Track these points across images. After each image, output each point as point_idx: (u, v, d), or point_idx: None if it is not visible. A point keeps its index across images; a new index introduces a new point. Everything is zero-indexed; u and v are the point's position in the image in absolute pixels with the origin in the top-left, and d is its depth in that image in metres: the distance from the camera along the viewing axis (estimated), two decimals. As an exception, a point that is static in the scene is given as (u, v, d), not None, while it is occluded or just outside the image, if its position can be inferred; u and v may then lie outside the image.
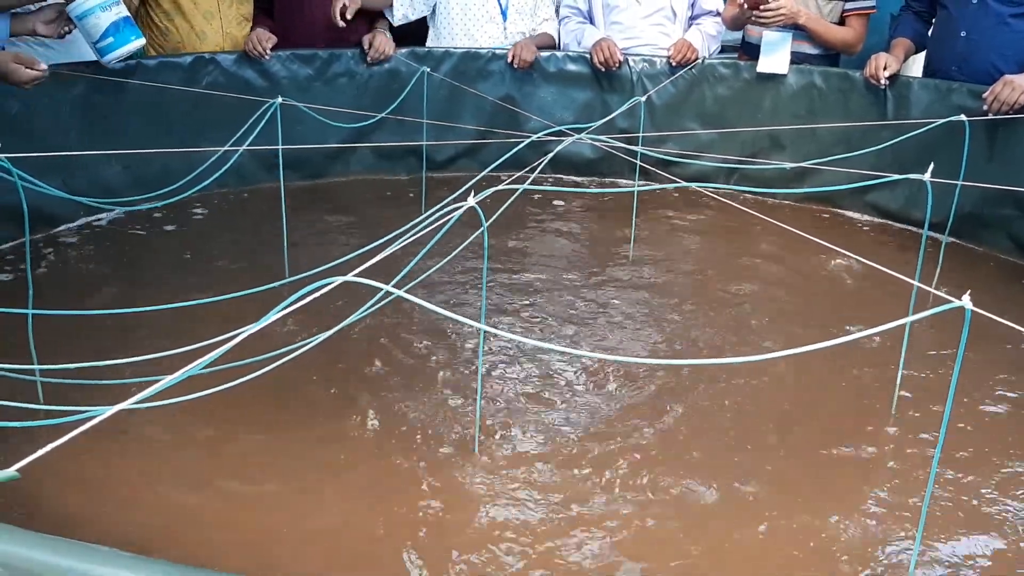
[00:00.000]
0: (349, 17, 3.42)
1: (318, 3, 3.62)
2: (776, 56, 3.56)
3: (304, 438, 1.90)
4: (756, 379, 2.22)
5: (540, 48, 3.79)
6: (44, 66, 2.70)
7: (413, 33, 3.89)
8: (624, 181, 3.77)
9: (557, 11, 4.02)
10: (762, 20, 3.47)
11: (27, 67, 2.66)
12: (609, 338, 2.44)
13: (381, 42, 3.59)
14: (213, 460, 1.81)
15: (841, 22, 3.64)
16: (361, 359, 2.23)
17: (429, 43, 3.90)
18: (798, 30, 3.57)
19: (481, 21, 3.82)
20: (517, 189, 2.01)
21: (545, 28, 3.93)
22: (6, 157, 1.78)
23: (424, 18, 3.88)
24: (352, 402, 2.04)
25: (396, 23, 3.75)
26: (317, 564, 1.54)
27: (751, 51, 3.72)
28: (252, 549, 1.58)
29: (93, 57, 3.03)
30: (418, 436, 1.92)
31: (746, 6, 3.44)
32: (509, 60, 3.70)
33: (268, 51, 3.42)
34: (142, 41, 3.03)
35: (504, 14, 3.83)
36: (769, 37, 3.54)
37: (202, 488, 1.73)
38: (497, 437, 1.93)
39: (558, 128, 3.19)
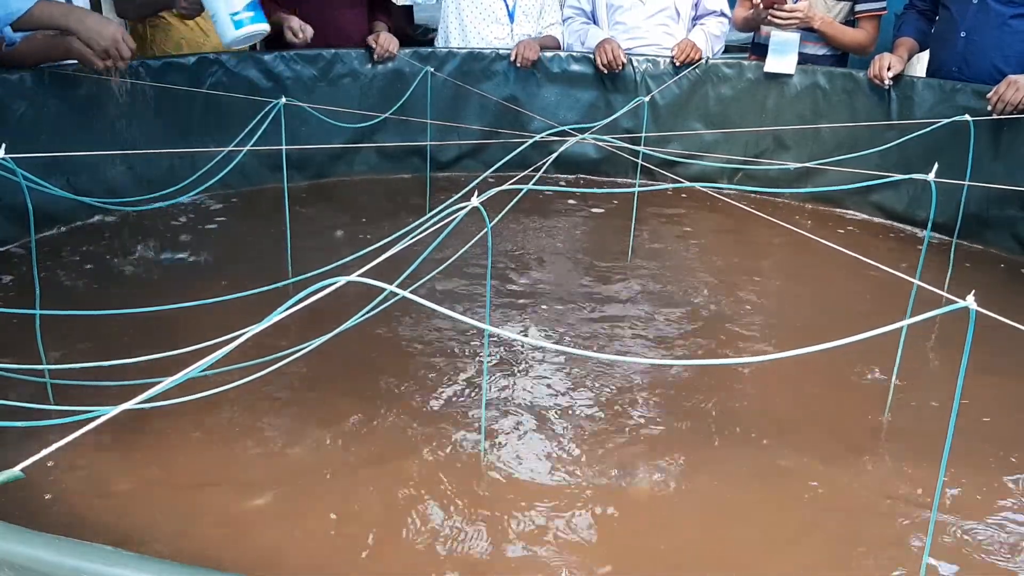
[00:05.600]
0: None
1: (331, 12, 3.64)
2: (785, 57, 3.56)
3: (306, 439, 1.90)
4: (757, 380, 2.22)
5: (544, 49, 3.79)
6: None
7: (417, 39, 3.92)
8: (627, 181, 3.77)
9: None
10: (777, 21, 3.47)
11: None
12: (612, 338, 2.43)
13: (386, 40, 3.61)
14: (216, 461, 1.82)
15: (849, 23, 3.64)
16: (364, 360, 2.23)
17: (438, 43, 3.92)
18: (811, 32, 3.58)
19: (488, 22, 3.83)
20: (521, 189, 2.01)
21: (551, 31, 3.94)
22: (10, 157, 1.78)
23: (431, 27, 3.91)
24: (354, 403, 2.04)
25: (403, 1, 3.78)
26: (319, 569, 1.55)
27: (761, 52, 3.72)
28: (251, 551, 1.58)
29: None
30: (422, 438, 1.92)
31: (762, 6, 3.44)
32: (512, 59, 3.71)
33: (309, 38, 3.44)
34: (267, 27, 2.98)
35: (511, 16, 3.84)
36: (778, 37, 3.54)
37: (205, 489, 1.73)
38: (502, 438, 1.93)
39: (561, 128, 3.19)
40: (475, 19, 3.83)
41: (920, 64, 3.91)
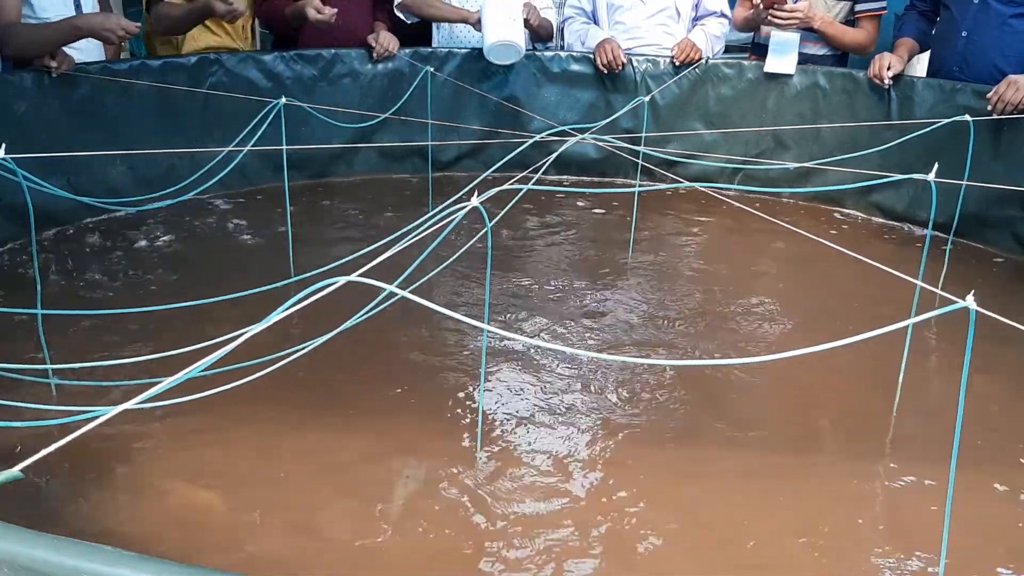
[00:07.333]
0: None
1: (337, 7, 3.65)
2: (785, 57, 3.56)
3: (305, 439, 1.91)
4: (758, 380, 2.22)
5: (540, 37, 3.79)
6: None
7: (418, 35, 3.90)
8: (628, 181, 3.77)
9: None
10: (777, 21, 3.47)
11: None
12: (611, 338, 2.43)
13: (385, 38, 3.60)
14: (216, 460, 1.82)
15: (849, 22, 3.64)
16: (364, 359, 2.23)
17: (435, 43, 3.90)
18: (811, 32, 3.57)
19: None
20: (521, 189, 2.01)
21: (545, 15, 3.93)
22: (11, 157, 1.78)
23: (428, 23, 3.89)
24: (354, 403, 2.04)
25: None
26: (317, 569, 1.55)
27: (761, 52, 3.72)
28: (250, 551, 1.58)
29: (97, 57, 3.08)
30: (419, 437, 1.92)
31: (762, 6, 3.44)
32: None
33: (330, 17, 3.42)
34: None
35: None
36: (778, 37, 3.54)
37: (204, 488, 1.73)
38: (501, 437, 1.93)
39: (561, 128, 3.19)
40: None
41: (920, 64, 3.91)
